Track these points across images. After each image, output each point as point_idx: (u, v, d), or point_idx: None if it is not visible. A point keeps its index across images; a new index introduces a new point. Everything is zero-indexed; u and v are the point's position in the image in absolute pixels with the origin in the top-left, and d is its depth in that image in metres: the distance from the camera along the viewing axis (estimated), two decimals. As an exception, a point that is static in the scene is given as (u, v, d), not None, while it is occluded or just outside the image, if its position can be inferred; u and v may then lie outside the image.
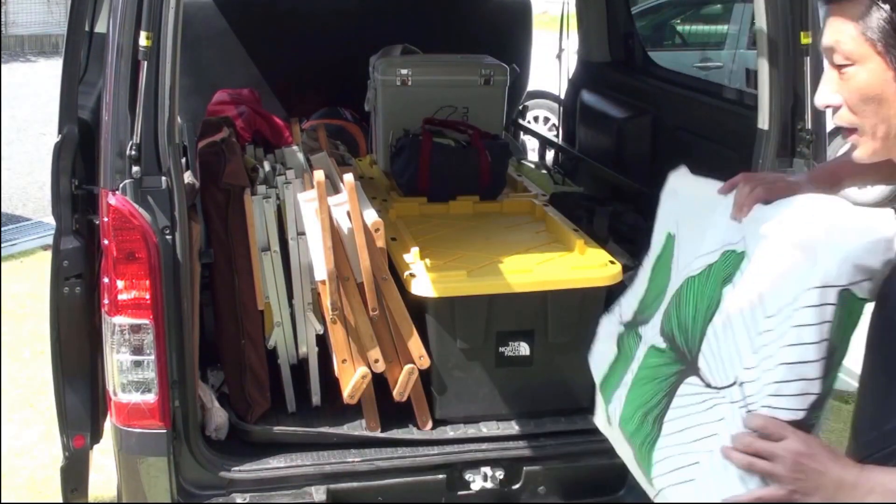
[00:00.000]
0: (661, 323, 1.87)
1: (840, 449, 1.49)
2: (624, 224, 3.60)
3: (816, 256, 1.48)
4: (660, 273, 2.00)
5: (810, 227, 1.53)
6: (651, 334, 1.91)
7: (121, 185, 2.41)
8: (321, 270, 2.75)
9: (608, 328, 2.14)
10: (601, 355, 2.12)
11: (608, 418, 2.01)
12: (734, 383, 1.59)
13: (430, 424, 2.92)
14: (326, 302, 2.77)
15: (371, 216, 2.83)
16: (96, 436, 2.86)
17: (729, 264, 1.72)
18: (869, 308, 1.51)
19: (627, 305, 2.10)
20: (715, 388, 1.64)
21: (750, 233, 1.68)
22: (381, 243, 2.82)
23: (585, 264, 3.01)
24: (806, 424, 1.49)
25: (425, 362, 2.85)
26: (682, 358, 1.78)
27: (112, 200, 2.41)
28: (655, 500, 1.77)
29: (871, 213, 1.50)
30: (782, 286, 1.52)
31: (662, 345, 1.85)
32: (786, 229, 1.57)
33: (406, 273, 2.86)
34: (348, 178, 2.78)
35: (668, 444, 1.74)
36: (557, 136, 5.01)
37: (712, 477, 1.58)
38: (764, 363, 1.51)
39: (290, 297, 2.95)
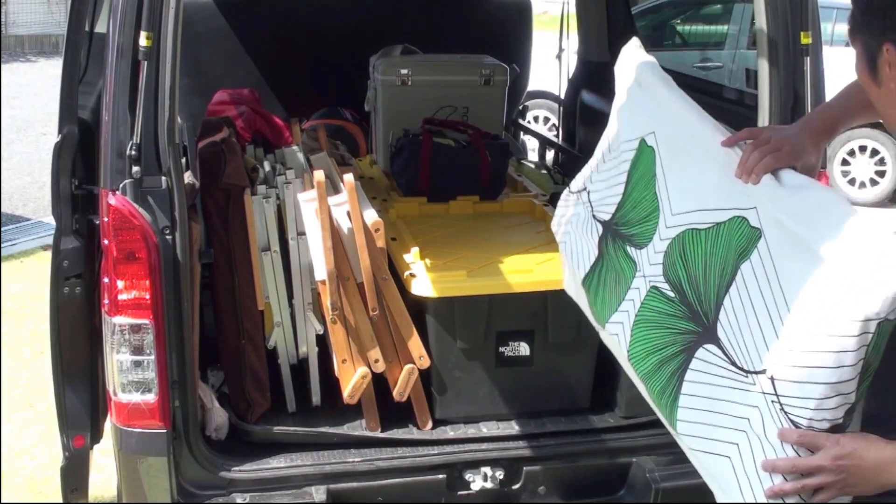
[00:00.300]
0: (664, 266, 1.94)
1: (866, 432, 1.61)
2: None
3: (860, 290, 1.55)
4: (640, 186, 2.09)
5: (856, 259, 1.59)
6: (650, 271, 1.98)
7: (121, 185, 2.41)
8: (321, 270, 2.75)
9: (579, 213, 2.29)
10: (578, 246, 2.26)
11: (593, 315, 2.19)
12: (763, 372, 1.67)
13: (430, 424, 2.92)
14: (326, 302, 2.77)
15: (371, 216, 2.83)
16: (96, 436, 2.86)
17: (742, 236, 1.79)
18: None
19: (600, 200, 2.23)
20: (742, 369, 1.73)
21: (765, 212, 1.76)
22: (381, 243, 2.82)
23: (585, 264, 3.00)
24: (842, 427, 1.61)
25: (425, 362, 2.85)
26: (696, 318, 1.85)
27: (112, 200, 2.41)
28: (678, 439, 1.91)
29: None
30: (820, 305, 1.61)
31: (670, 293, 1.92)
32: (825, 248, 1.63)
33: (406, 273, 2.86)
34: (348, 178, 2.78)
35: (695, 408, 1.83)
36: (557, 136, 5.00)
37: (753, 470, 1.69)
38: (800, 373, 1.61)
39: (290, 297, 2.95)
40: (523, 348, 2.95)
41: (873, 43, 1.63)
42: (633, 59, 2.29)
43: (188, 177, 2.79)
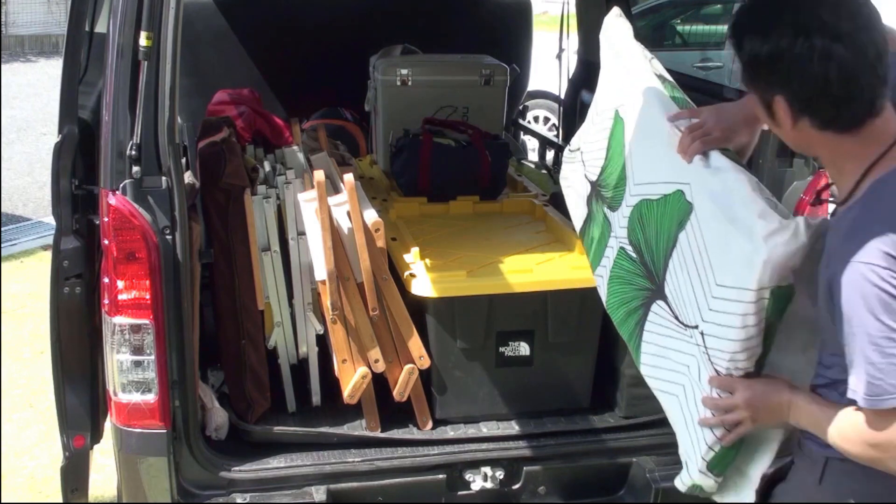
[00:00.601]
0: (628, 231, 2.25)
1: (774, 375, 1.93)
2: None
3: (754, 263, 1.82)
4: (615, 154, 2.36)
5: (752, 236, 1.84)
6: (620, 233, 2.30)
7: (121, 185, 2.41)
8: (321, 270, 2.75)
9: (576, 170, 2.58)
10: (574, 201, 2.59)
11: (590, 264, 2.49)
12: (696, 327, 2.00)
13: (430, 424, 2.92)
14: (326, 302, 2.77)
15: (371, 216, 2.83)
16: (96, 436, 2.86)
17: (681, 208, 2.06)
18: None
19: (590, 161, 2.50)
20: (683, 323, 2.07)
21: (696, 189, 2.03)
22: (381, 243, 2.82)
23: (585, 264, 2.98)
24: (754, 373, 1.93)
25: (425, 362, 2.86)
26: (650, 277, 2.18)
27: (112, 200, 2.41)
28: (646, 380, 2.26)
29: (791, 226, 1.82)
30: (728, 267, 1.90)
31: (633, 254, 2.25)
32: (733, 225, 1.90)
33: (406, 273, 2.86)
34: (348, 178, 2.78)
35: (652, 353, 2.21)
36: (557, 136, 5.00)
37: (693, 407, 2.05)
38: (719, 330, 1.92)
39: (291, 297, 2.95)
40: (523, 348, 2.95)
41: (765, 94, 1.79)
42: (612, 28, 2.52)
43: (188, 177, 2.79)
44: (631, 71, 2.38)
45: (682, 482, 2.13)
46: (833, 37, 1.66)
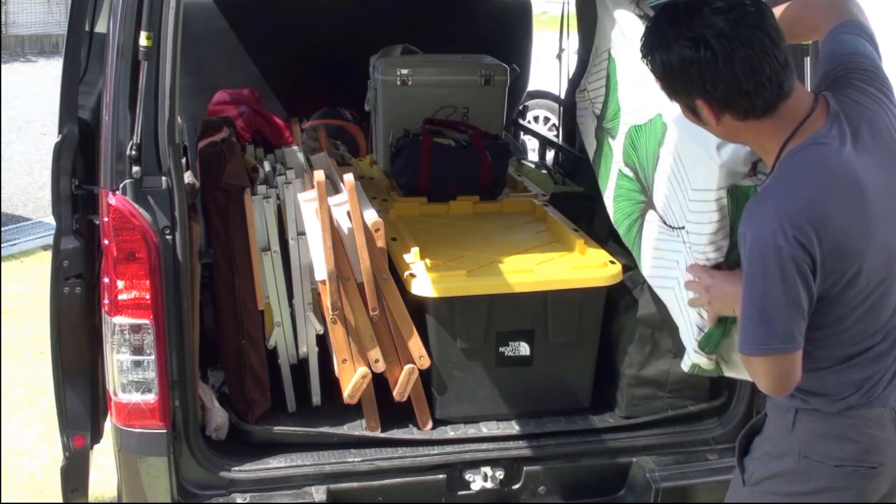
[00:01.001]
0: (624, 154, 2.69)
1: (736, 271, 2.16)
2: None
3: (713, 168, 2.23)
4: (612, 90, 2.83)
5: (711, 146, 2.21)
6: (618, 157, 2.75)
7: (121, 186, 2.41)
8: (321, 270, 2.75)
9: (586, 108, 3.06)
10: (587, 133, 3.05)
11: (600, 186, 2.92)
12: (682, 228, 2.40)
13: (430, 424, 2.92)
14: (327, 302, 2.77)
15: (371, 216, 2.83)
16: (96, 436, 2.86)
17: (660, 129, 2.49)
18: None
19: (595, 98, 2.97)
20: (670, 226, 2.48)
21: (668, 114, 2.42)
22: (381, 243, 2.82)
23: (585, 264, 3.01)
24: (727, 263, 2.27)
25: (425, 362, 2.86)
26: (644, 190, 2.61)
27: (112, 200, 2.41)
28: (648, 280, 2.70)
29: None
30: (697, 174, 2.31)
31: (629, 173, 2.69)
32: (699, 140, 2.24)
33: (406, 273, 2.86)
34: (348, 178, 2.78)
35: (650, 256, 2.62)
36: (557, 136, 5.00)
37: (683, 295, 2.41)
38: (696, 227, 2.32)
39: (291, 297, 2.95)
40: (523, 348, 2.95)
41: (688, 100, 1.99)
42: None
43: (188, 177, 2.79)
44: (619, 16, 2.79)
45: (684, 364, 2.46)
46: (729, 39, 1.86)
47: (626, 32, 2.73)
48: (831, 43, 2.10)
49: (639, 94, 2.60)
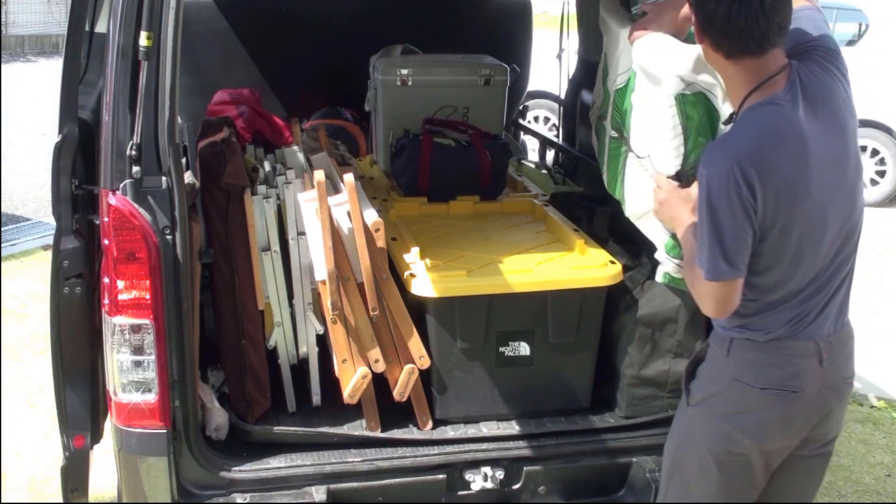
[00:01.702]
0: (612, 120, 2.96)
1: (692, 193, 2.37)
2: (624, 224, 3.59)
3: (661, 80, 2.57)
4: (604, 71, 3.09)
5: (665, 63, 2.56)
6: (608, 125, 2.99)
7: (121, 185, 2.41)
8: (321, 270, 2.75)
9: (594, 123, 3.23)
10: (599, 140, 3.17)
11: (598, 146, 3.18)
12: (648, 156, 2.69)
13: (430, 424, 2.92)
14: (327, 302, 2.77)
15: (371, 216, 2.83)
16: (96, 436, 2.86)
17: (632, 80, 2.79)
18: None
19: (598, 98, 3.19)
20: (640, 157, 2.76)
21: (634, 62, 2.75)
22: (381, 243, 2.82)
23: (585, 264, 3.01)
24: (684, 170, 2.56)
25: (425, 362, 2.86)
26: (626, 141, 2.85)
27: (112, 200, 2.41)
28: (630, 217, 2.91)
29: (683, 47, 2.53)
30: (651, 98, 2.65)
31: (615, 134, 2.95)
32: (654, 69, 2.62)
33: (406, 273, 2.86)
34: (348, 178, 2.78)
35: (631, 193, 2.86)
36: (557, 136, 5.00)
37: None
38: (656, 145, 2.63)
39: (291, 297, 2.95)
40: (523, 348, 2.95)
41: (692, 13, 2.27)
42: None
43: (188, 177, 2.79)
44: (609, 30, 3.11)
45: (658, 276, 2.80)
46: None
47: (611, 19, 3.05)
48: (796, 20, 2.30)
49: (620, 60, 2.90)
